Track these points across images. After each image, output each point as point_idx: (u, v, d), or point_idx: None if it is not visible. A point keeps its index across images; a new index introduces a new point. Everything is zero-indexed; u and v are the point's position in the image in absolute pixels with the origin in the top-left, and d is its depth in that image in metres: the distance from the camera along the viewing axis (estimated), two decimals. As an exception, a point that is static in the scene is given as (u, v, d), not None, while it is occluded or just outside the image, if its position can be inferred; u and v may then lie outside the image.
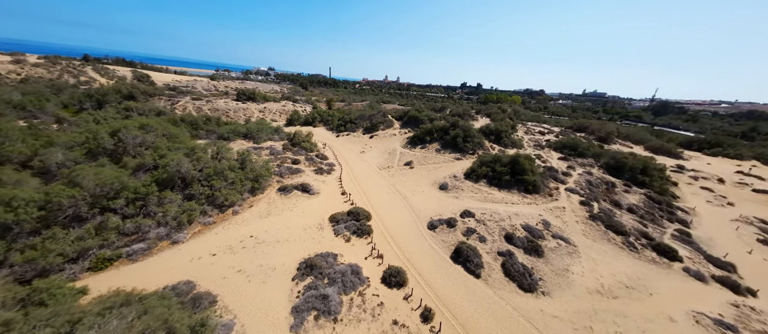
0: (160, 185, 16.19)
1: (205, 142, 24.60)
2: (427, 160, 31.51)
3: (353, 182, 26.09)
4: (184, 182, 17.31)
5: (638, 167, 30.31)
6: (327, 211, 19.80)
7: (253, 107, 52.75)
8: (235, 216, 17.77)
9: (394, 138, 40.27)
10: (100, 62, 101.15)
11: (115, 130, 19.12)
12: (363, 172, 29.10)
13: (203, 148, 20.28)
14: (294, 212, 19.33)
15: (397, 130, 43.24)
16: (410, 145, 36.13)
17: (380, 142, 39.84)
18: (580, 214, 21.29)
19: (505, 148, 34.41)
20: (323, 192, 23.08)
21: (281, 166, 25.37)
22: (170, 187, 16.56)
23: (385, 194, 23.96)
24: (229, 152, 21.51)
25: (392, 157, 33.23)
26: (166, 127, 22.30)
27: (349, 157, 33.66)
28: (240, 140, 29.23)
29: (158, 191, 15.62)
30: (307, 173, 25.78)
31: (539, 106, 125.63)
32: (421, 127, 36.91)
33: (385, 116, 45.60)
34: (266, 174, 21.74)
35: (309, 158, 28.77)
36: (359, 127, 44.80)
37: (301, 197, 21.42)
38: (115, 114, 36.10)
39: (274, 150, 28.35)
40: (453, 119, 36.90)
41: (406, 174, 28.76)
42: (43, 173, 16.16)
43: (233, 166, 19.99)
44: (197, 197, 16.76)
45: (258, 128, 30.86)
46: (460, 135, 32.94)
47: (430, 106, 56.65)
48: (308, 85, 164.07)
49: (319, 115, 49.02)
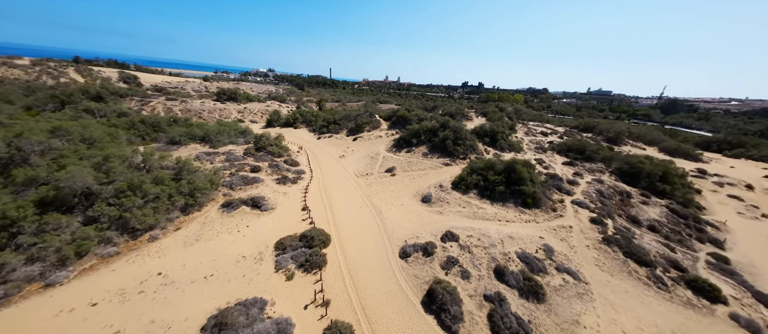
0: (49, 205, 12.52)
1: (149, 148, 20.96)
2: (412, 166, 27.62)
3: (322, 193, 22.31)
4: (88, 201, 13.64)
5: (656, 172, 26.17)
6: (276, 233, 16.05)
7: (232, 108, 49.20)
8: (151, 244, 14.06)
9: (380, 140, 36.46)
10: (90, 64, 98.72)
11: (18, 134, 15.54)
12: (337, 180, 25.32)
13: (129, 156, 16.62)
14: (233, 235, 15.59)
15: (384, 131, 39.42)
16: (395, 148, 32.28)
17: (364, 145, 36.04)
18: (591, 235, 17.27)
19: (502, 151, 30.44)
20: (280, 207, 19.32)
21: (235, 175, 21.66)
22: (65, 208, 12.88)
23: (356, 208, 20.14)
24: (165, 160, 17.82)
25: (374, 163, 29.39)
26: (90, 130, 18.70)
27: (326, 163, 29.91)
28: (194, 144, 25.68)
29: (39, 213, 11.95)
30: (266, 183, 22.05)
31: (542, 105, 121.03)
32: (408, 128, 33.06)
33: (371, 117, 41.80)
34: (207, 187, 18.04)
35: (274, 165, 25.04)
36: (343, 128, 41.05)
37: (249, 215, 17.67)
38: (74, 115, 32.79)
39: (232, 156, 24.69)
40: (443, 119, 32.99)
41: (386, 183, 24.91)
42: None
43: (161, 177, 16.30)
44: (100, 219, 13.06)
45: (218, 130, 27.24)
46: (450, 137, 29.04)
47: (422, 106, 52.80)
48: (305, 85, 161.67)
49: (301, 115, 45.36)
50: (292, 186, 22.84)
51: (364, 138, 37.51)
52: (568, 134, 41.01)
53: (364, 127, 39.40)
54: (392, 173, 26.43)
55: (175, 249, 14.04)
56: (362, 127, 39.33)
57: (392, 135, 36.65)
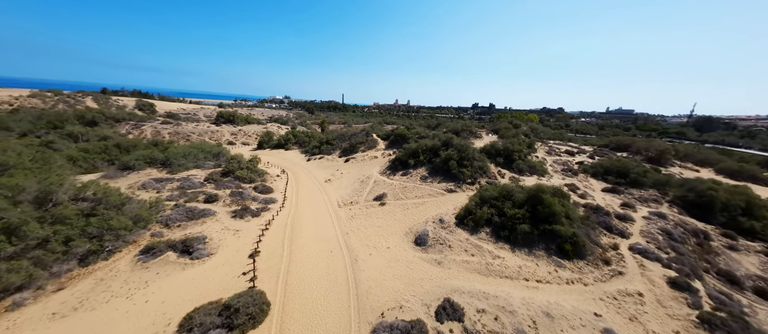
0: None
1: (61, 177, 17.32)
2: (407, 193, 22.40)
3: (287, 229, 17.44)
4: None
5: (736, 203, 19.41)
6: (196, 297, 11.11)
7: (226, 130, 47.11)
8: (7, 314, 9.44)
9: (375, 161, 31.83)
10: (116, 94, 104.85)
11: None
12: (312, 211, 20.46)
13: (34, 187, 12.73)
14: (129, 302, 10.76)
15: (380, 151, 34.94)
16: (390, 170, 27.40)
17: (356, 166, 31.48)
18: (676, 310, 10.93)
19: (521, 174, 24.76)
20: (222, 252, 14.49)
21: (180, 207, 17.33)
22: None
23: (325, 253, 14.96)
24: (85, 190, 13.82)
25: (362, 188, 24.47)
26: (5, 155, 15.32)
27: (306, 189, 25.35)
28: (149, 169, 22.09)
29: None
30: (217, 218, 17.50)
31: (559, 123, 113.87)
32: (405, 148, 28.38)
33: (368, 136, 37.72)
34: (129, 226, 13.69)
35: (237, 193, 20.70)
36: (337, 149, 37.03)
37: (171, 266, 12.89)
38: (58, 139, 30.97)
39: (189, 182, 20.69)
40: (446, 136, 28.15)
41: (372, 215, 19.71)
42: None
43: (64, 215, 12.14)
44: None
45: (184, 153, 23.74)
46: (454, 157, 23.93)
47: (425, 124, 48.59)
48: (315, 110, 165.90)
49: (294, 136, 42.18)
50: (252, 221, 18.15)
51: (356, 159, 33.07)
52: (599, 153, 34.65)
53: (358, 147, 35.18)
54: (382, 202, 21.28)
55: (33, 325, 9.31)
56: (356, 148, 35.11)
57: (389, 156, 32.01)
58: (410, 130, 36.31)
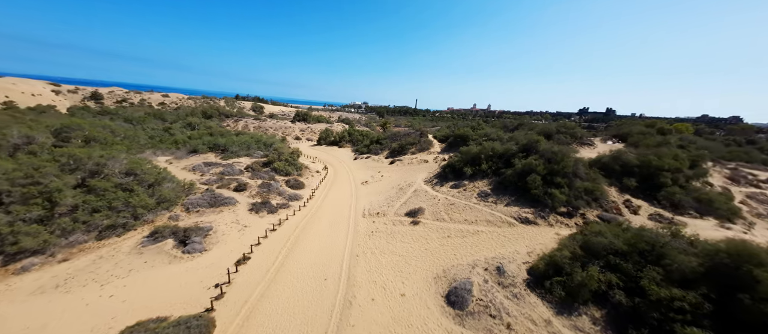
0: None
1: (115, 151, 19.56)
2: (454, 213, 15.85)
3: (294, 236, 14.70)
4: None
5: None
6: (154, 305, 9.31)
7: (297, 127, 51.41)
8: (10, 278, 9.82)
9: (423, 166, 26.07)
10: (240, 99, 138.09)
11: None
12: (331, 217, 17.08)
13: (96, 158, 14.36)
14: (99, 291, 9.88)
15: (433, 154, 28.79)
16: (438, 179, 21.17)
17: (400, 170, 26.56)
18: None
19: (678, 211, 13.78)
20: (215, 250, 12.74)
21: (209, 192, 17.11)
22: None
23: (313, 283, 11.06)
24: (131, 166, 14.87)
25: (398, 197, 19.41)
26: (93, 131, 18.69)
27: (338, 189, 22.39)
28: (209, 154, 23.94)
29: None
30: (234, 209, 16.39)
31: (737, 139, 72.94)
32: (461, 151, 21.47)
33: (421, 136, 32.15)
34: (150, 204, 13.71)
35: (266, 185, 19.60)
36: (386, 148, 33.14)
37: (162, 257, 11.78)
38: (176, 127, 40.26)
39: (231, 169, 21.03)
40: (529, 138, 19.49)
41: (397, 235, 14.49)
42: None
43: (102, 187, 12.88)
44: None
45: (240, 142, 25.10)
46: (538, 168, 15.61)
47: (501, 125, 38.29)
48: (385, 113, 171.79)
49: (348, 134, 41.18)
50: (266, 217, 16.23)
51: (403, 162, 28.09)
52: None
53: (407, 148, 30.14)
54: (415, 220, 15.64)
55: (16, 297, 9.18)
56: (405, 149, 30.16)
57: (442, 160, 25.56)
58: (476, 130, 28.46)
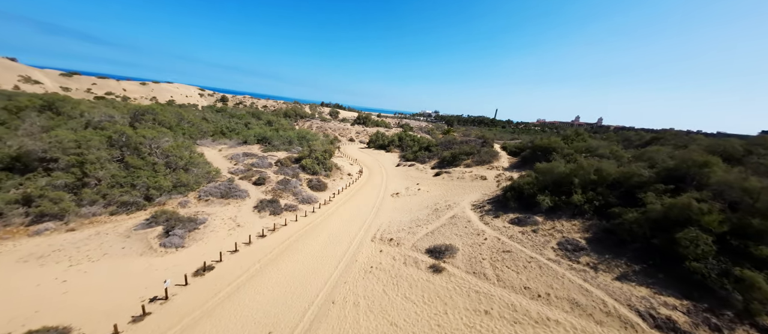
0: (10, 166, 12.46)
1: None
2: (505, 271, 9.60)
3: (277, 250, 11.99)
4: (50, 167, 12.91)
5: None
6: (81, 307, 8.17)
7: (354, 129, 51.84)
8: (21, 239, 10.79)
9: (477, 184, 19.43)
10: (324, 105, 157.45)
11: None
12: (335, 233, 13.75)
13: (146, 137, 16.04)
14: (62, 274, 9.53)
15: (496, 170, 21.46)
16: (494, 206, 14.64)
17: (444, 185, 20.67)
18: None
19: None
20: (188, 250, 11.44)
21: (230, 182, 16.76)
22: (25, 170, 12.52)
23: (255, 330, 7.61)
24: (161, 147, 15.96)
25: (428, 222, 14.19)
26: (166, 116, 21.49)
27: (362, 199, 18.88)
28: (255, 145, 24.76)
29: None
30: (240, 205, 15.29)
31: None
32: (538, 169, 14.16)
33: (484, 145, 24.98)
34: (166, 186, 13.92)
35: (284, 182, 18.10)
36: (435, 157, 27.56)
37: (137, 246, 11.15)
38: (254, 121, 46.70)
39: (263, 162, 20.75)
40: (683, 159, 10.64)
41: (401, 284, 9.71)
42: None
43: (135, 164, 13.88)
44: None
45: (284, 137, 25.32)
46: (708, 219, 7.51)
47: (617, 138, 25.83)
48: (455, 122, 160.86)
49: (398, 139, 37.38)
50: (265, 218, 14.38)
51: (452, 175, 21.97)
52: None
53: (461, 158, 23.73)
54: (437, 264, 10.29)
55: (8, 260, 9.72)
56: (458, 159, 23.83)
57: (506, 179, 18.29)
58: (570, 141, 19.40)
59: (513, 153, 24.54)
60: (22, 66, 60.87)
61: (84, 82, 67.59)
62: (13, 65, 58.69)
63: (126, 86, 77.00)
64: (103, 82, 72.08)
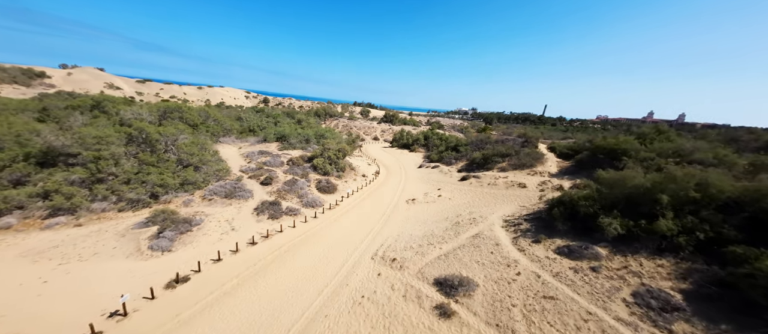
0: (40, 159, 13.42)
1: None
2: (545, 329, 6.39)
3: (264, 263, 10.67)
4: (70, 162, 13.60)
5: None
6: (58, 312, 7.73)
7: (379, 127, 50.26)
8: (36, 232, 11.25)
9: (513, 193, 15.80)
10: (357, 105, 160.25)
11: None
12: (332, 245, 12.05)
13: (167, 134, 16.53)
14: (49, 274, 9.38)
15: (540, 176, 17.35)
16: (535, 225, 11.26)
17: (470, 192, 17.36)
18: None
19: None
20: (185, 253, 10.90)
21: (236, 180, 16.33)
22: (48, 163, 13.40)
23: None
24: (176, 144, 16.21)
25: (444, 239, 11.53)
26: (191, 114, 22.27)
27: (373, 205, 16.87)
28: (274, 143, 24.49)
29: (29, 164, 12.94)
30: (243, 205, 14.63)
31: None
32: (602, 178, 10.28)
33: (525, 145, 20.76)
34: (172, 184, 13.90)
35: (291, 182, 17.07)
36: (463, 158, 24.09)
37: (126, 247, 10.85)
38: (312, 119, 48.23)
39: (275, 160, 20.14)
40: None
41: (395, 326, 7.22)
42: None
43: (147, 160, 14.19)
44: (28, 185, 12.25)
45: (301, 135, 24.69)
46: None
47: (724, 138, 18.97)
48: (495, 120, 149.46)
49: (424, 137, 34.28)
50: (263, 223, 13.39)
51: (481, 180, 18.49)
52: None
53: (494, 160, 19.96)
54: (447, 305, 7.76)
55: (6, 253, 10.05)
56: (490, 161, 20.10)
57: (552, 189, 14.35)
58: (649, 141, 14.38)
59: (564, 155, 19.82)
60: (108, 75, 73.59)
61: (154, 88, 79.46)
62: (100, 74, 71.25)
63: (186, 90, 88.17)
64: (169, 88, 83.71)
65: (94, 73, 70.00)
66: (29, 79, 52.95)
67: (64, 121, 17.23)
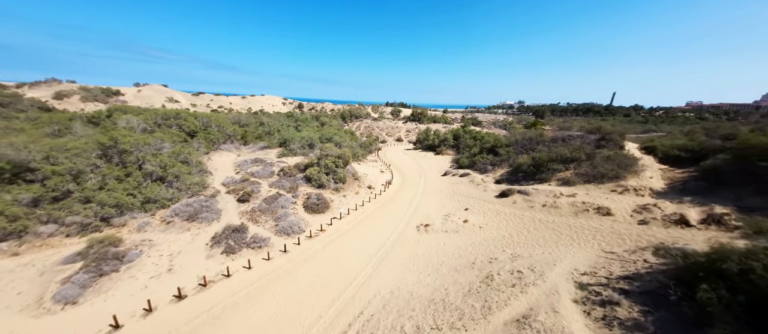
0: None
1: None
2: None
3: (189, 318, 7.29)
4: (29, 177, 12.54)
5: None
6: None
7: (404, 127, 45.73)
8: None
9: (585, 225, 9.68)
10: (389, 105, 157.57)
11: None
12: (286, 306, 8.16)
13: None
14: None
15: (633, 196, 10.68)
16: (654, 304, 5.36)
17: (511, 220, 11.61)
18: None
19: None
20: (90, 307, 8.29)
21: (210, 198, 13.84)
22: (10, 179, 12.54)
23: None
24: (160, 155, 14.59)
25: (465, 313, 6.51)
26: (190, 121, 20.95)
27: (371, 232, 12.63)
28: (275, 149, 22.00)
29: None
30: (202, 231, 11.83)
31: None
32: None
33: (601, 144, 13.83)
34: (131, 204, 11.94)
35: (271, 200, 13.87)
36: (504, 164, 17.97)
37: (35, 292, 8.64)
38: (311, 120, 47.24)
39: (265, 170, 17.27)
40: None
41: None
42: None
43: (114, 175, 12.67)
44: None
45: (303, 138, 21.75)
46: None
47: None
48: (548, 113, 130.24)
49: (453, 137, 28.31)
50: (214, 259, 10.31)
51: (531, 199, 12.46)
52: None
53: (550, 168, 13.59)
54: None
55: None
56: (545, 169, 13.77)
57: (672, 218, 7.91)
58: None
59: (674, 160, 12.44)
60: (170, 90, 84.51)
61: (205, 99, 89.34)
62: (163, 89, 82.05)
63: (232, 100, 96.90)
64: (217, 99, 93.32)
65: (159, 89, 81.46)
66: (107, 97, 63.49)
67: (63, 132, 17.11)
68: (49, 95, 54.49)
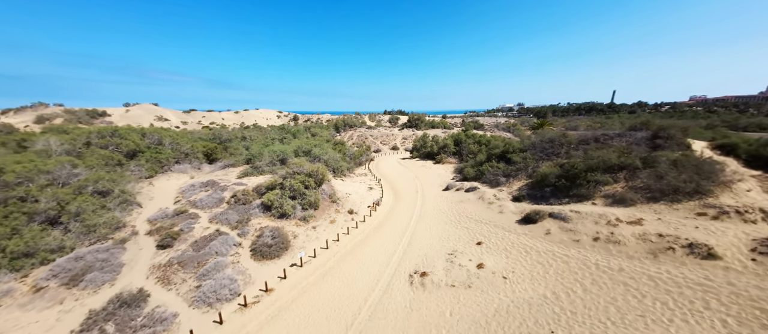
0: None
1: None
2: None
3: None
4: None
5: None
6: None
7: (400, 134, 42.02)
8: None
9: (677, 282, 5.50)
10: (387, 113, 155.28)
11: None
12: None
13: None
14: None
15: (738, 221, 6.57)
16: None
17: (547, 265, 7.52)
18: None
19: None
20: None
21: (122, 242, 9.95)
22: None
23: None
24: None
25: None
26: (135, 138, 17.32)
27: (336, 300, 8.45)
28: (231, 168, 18.33)
29: None
30: (77, 306, 7.85)
31: None
32: None
33: (658, 145, 9.87)
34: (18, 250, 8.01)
35: (207, 241, 9.96)
36: (522, 176, 13.94)
37: None
38: (302, 130, 43.92)
39: (211, 197, 13.40)
40: None
41: None
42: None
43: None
44: None
45: (273, 153, 18.00)
46: None
47: None
48: (549, 114, 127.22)
49: (454, 143, 24.46)
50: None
51: (573, 227, 8.37)
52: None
53: (588, 180, 9.61)
54: None
55: None
56: (582, 182, 9.78)
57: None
58: None
59: (764, 163, 8.48)
60: (160, 108, 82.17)
61: (197, 116, 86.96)
62: (153, 109, 79.70)
63: (224, 116, 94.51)
64: (210, 115, 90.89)
65: (148, 108, 79.24)
66: (92, 118, 60.86)
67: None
68: (30, 120, 51.90)
